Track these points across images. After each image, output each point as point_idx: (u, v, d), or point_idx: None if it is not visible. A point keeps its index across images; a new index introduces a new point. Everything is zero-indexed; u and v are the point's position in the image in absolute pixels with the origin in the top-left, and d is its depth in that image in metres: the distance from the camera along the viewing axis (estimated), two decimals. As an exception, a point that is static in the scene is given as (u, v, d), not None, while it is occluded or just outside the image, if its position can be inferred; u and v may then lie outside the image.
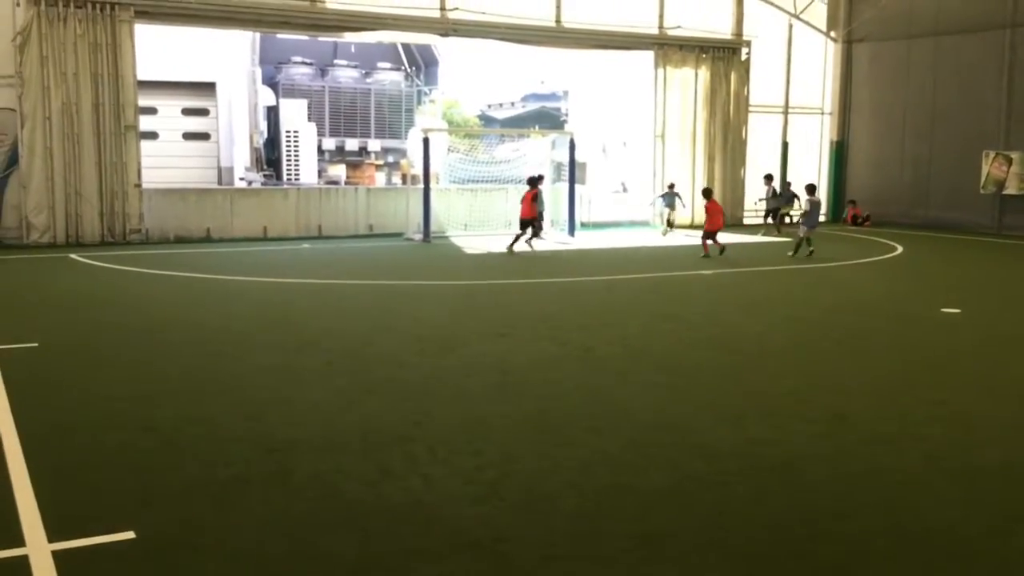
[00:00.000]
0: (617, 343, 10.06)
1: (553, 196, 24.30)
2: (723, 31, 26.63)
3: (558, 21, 24.14)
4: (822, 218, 27.77)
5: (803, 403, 7.68)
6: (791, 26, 27.79)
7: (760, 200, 25.16)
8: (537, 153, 26.31)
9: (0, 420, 6.74)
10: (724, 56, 26.44)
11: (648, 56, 26.19)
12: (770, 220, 24.60)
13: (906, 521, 5.19)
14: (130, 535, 4.75)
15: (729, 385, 8.32)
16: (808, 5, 27.55)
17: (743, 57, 26.80)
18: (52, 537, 4.70)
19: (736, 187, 27.09)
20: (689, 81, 26.12)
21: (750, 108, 27.26)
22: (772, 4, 27.34)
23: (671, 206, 24.12)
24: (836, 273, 16.72)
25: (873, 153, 28.34)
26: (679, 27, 25.75)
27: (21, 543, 4.64)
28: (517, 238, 19.53)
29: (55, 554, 4.51)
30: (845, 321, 11.76)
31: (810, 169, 28.98)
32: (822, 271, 16.78)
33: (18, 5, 18.79)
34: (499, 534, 4.90)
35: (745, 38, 26.82)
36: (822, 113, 29.02)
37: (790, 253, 18.59)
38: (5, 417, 6.82)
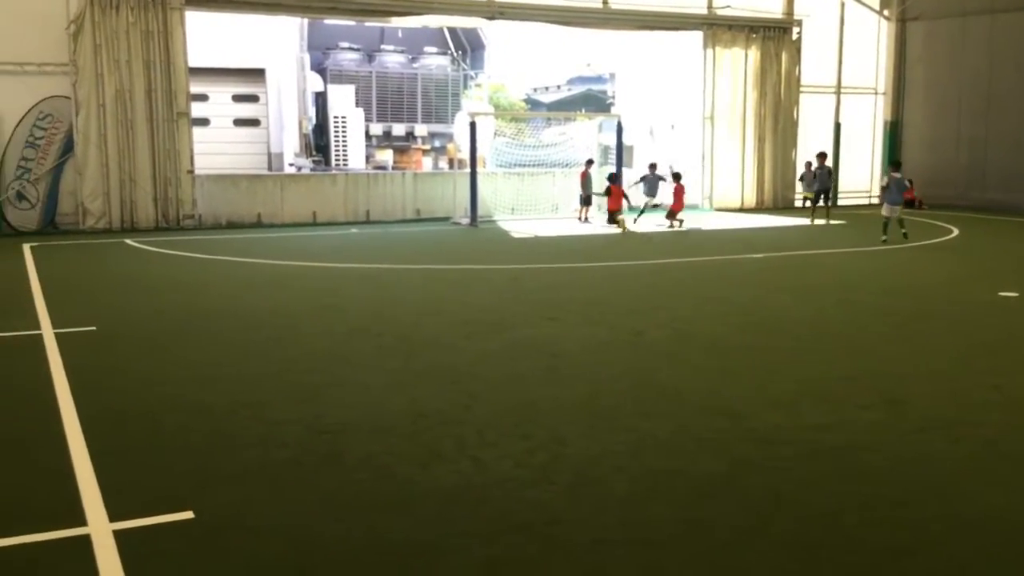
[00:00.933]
0: (666, 326, 10.00)
1: (600, 179, 24.17)
2: (774, 10, 26.22)
3: (605, 2, 23.96)
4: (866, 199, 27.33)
5: (858, 388, 7.57)
6: (843, 4, 27.28)
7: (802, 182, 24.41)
8: (584, 136, 26.18)
9: (61, 403, 6.91)
10: (775, 36, 26.04)
11: (696, 36, 25.90)
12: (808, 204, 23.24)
13: (962, 508, 5.10)
14: (188, 515, 4.84)
15: (782, 369, 8.23)
16: (861, -18, 27.03)
17: (794, 36, 26.37)
18: (113, 517, 4.81)
19: (787, 169, 26.72)
20: (739, 61, 25.78)
21: (801, 88, 26.85)
22: (823, -19, 26.86)
23: (652, 193, 22.74)
24: (890, 256, 16.43)
25: (928, 134, 27.77)
26: (728, 6, 25.41)
27: (83, 523, 4.76)
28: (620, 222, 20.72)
29: (116, 533, 4.62)
30: (900, 305, 11.56)
31: (863, 150, 28.52)
32: (875, 254, 16.50)
33: (72, -6, 19.12)
34: (550, 517, 4.91)
35: (796, 17, 26.38)
36: (875, 93, 28.49)
37: (883, 238, 17.59)
38: (66, 400, 6.98)
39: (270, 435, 6.25)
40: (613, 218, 21.00)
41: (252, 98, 28.20)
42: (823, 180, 22.53)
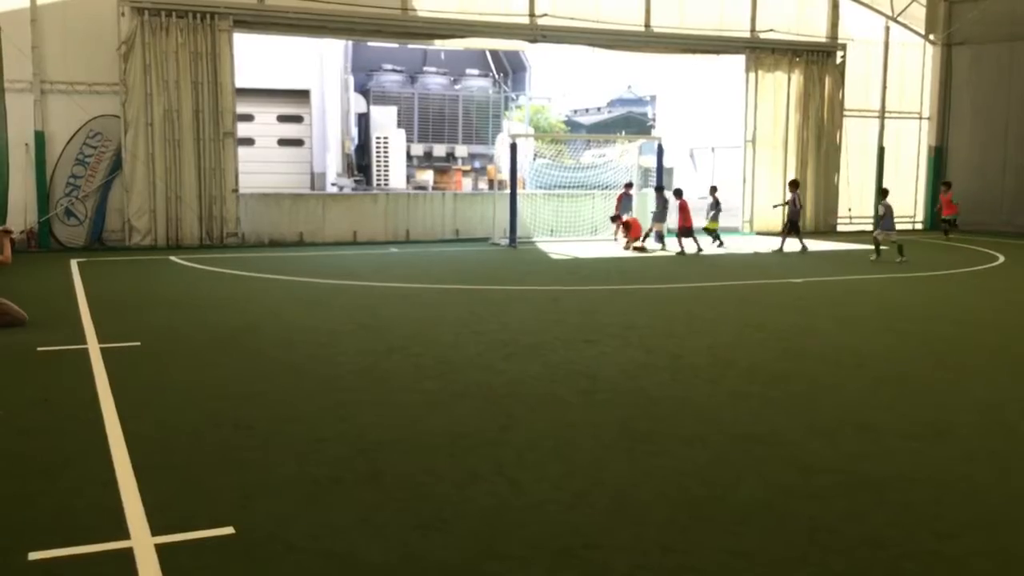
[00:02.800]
0: (706, 352, 9.93)
1: (640, 202, 24.17)
2: (817, 34, 26.10)
3: (647, 25, 24.01)
4: (913, 225, 27.04)
5: (902, 417, 7.46)
6: (888, 28, 27.09)
7: (776, 206, 24.11)
8: (624, 159, 26.19)
9: (106, 417, 7.02)
10: (818, 59, 25.90)
11: (739, 60, 25.85)
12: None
13: (1010, 542, 4.99)
14: (229, 531, 4.89)
15: (823, 397, 8.14)
16: (906, 7, 26.82)
17: (838, 60, 26.21)
18: (155, 531, 4.87)
19: (830, 194, 26.51)
20: (782, 85, 25.68)
21: (845, 112, 26.65)
22: (868, 6, 26.70)
23: (661, 218, 21.89)
24: (934, 283, 16.21)
25: (973, 159, 27.40)
26: (772, 30, 25.34)
27: (126, 536, 4.82)
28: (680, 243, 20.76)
29: (158, 547, 4.67)
30: (946, 332, 11.39)
31: (908, 175, 28.22)
32: (918, 280, 16.28)
33: (123, 15, 19.57)
34: (588, 541, 4.89)
35: (840, 41, 26.24)
36: (920, 118, 28.20)
37: (872, 258, 19.04)
38: (110, 414, 7.10)
39: (310, 452, 6.30)
40: (687, 233, 20.99)
41: (296, 119, 28.62)
42: (792, 209, 21.81)
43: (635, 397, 7.94)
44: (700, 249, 20.78)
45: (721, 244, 22.17)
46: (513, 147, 22.47)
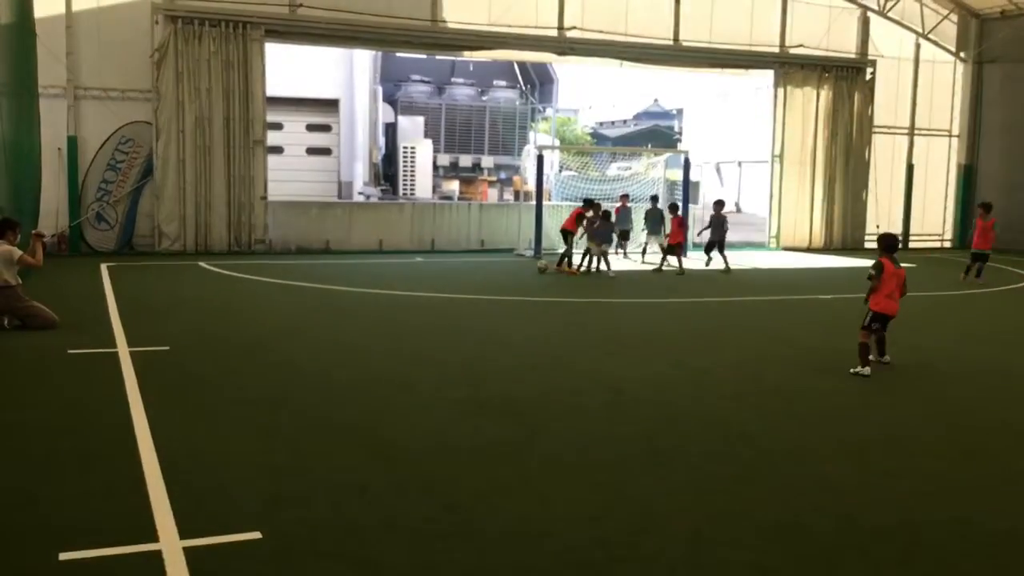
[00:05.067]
0: (732, 366, 9.89)
1: (667, 216, 24.11)
2: (847, 50, 25.99)
3: (676, 40, 24.00)
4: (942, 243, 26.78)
5: (933, 436, 7.40)
6: (918, 45, 26.93)
7: (703, 231, 21.05)
8: (650, 172, 26.16)
9: (135, 420, 7.09)
10: (847, 75, 25.79)
11: (767, 74, 25.80)
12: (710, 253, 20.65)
13: (1019, 569, 4.94)
14: (256, 535, 4.93)
15: (851, 414, 8.08)
16: (937, 24, 26.68)
17: (867, 77, 26.08)
18: (183, 534, 4.91)
19: (858, 210, 26.35)
20: (810, 100, 25.57)
21: (874, 129, 26.50)
22: (898, 23, 26.56)
23: (655, 231, 21.43)
24: (964, 301, 16.06)
25: (1004, 178, 27.14)
26: (801, 45, 25.26)
27: (155, 539, 4.87)
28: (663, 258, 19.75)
29: (186, 550, 4.71)
30: (978, 352, 11.28)
31: (937, 193, 28.03)
32: (950, 299, 16.15)
33: (156, 23, 19.81)
34: (612, 554, 4.88)
35: (870, 57, 26.12)
36: (949, 135, 27.99)
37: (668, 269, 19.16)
38: (139, 417, 7.17)
39: (336, 459, 6.34)
40: (672, 251, 19.69)
41: (325, 128, 28.83)
42: (716, 229, 20.37)
43: (660, 410, 7.93)
44: (681, 271, 19.37)
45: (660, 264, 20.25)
46: (539, 159, 22.50)
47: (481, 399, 8.19)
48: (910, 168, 27.41)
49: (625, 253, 22.62)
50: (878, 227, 25.40)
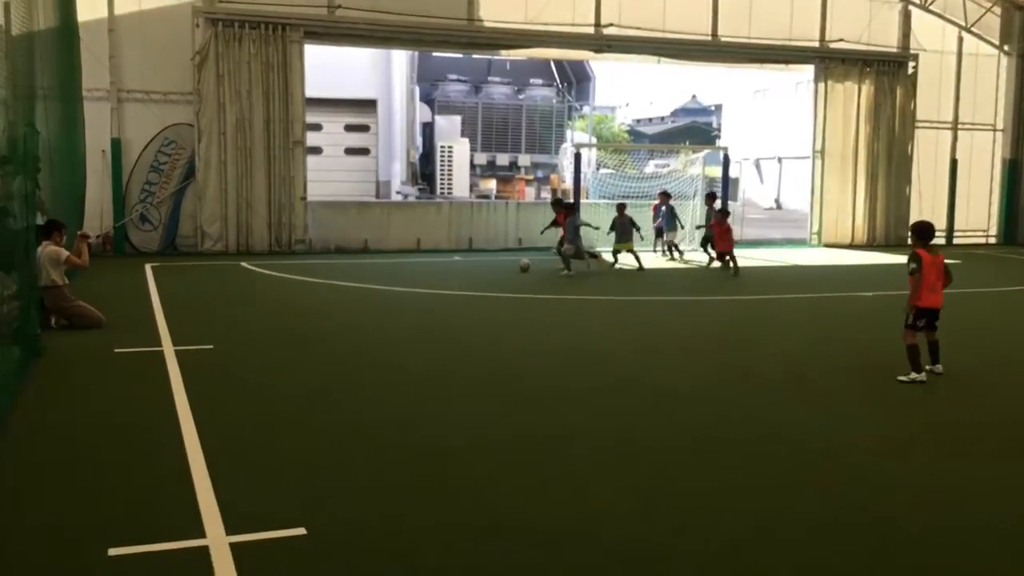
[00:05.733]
0: (775, 364, 9.81)
1: (705, 213, 23.96)
2: (888, 44, 25.63)
3: (714, 35, 23.82)
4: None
5: (983, 434, 7.28)
6: (961, 39, 26.48)
7: (700, 227, 21.33)
8: (688, 169, 26.00)
9: (181, 418, 7.19)
10: (889, 70, 25.42)
11: (806, 69, 25.52)
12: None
13: (1094, 567, 4.84)
14: (301, 531, 4.98)
15: (898, 412, 7.97)
16: (980, 17, 26.20)
17: (909, 71, 25.71)
18: (230, 530, 4.98)
19: (901, 205, 25.96)
20: (851, 95, 25.24)
21: (917, 124, 26.10)
22: (941, 16, 26.14)
23: (671, 227, 21.10)
24: (1011, 298, 15.78)
25: (1051, 172, 26.62)
26: (842, 40, 24.96)
27: (202, 535, 4.94)
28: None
29: (232, 546, 4.78)
30: None
31: (981, 188, 27.54)
32: (997, 296, 15.88)
33: (197, 26, 20.05)
34: (655, 553, 4.87)
35: (912, 51, 25.73)
36: (994, 130, 27.48)
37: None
38: (185, 415, 7.27)
39: (378, 456, 6.38)
40: (722, 257, 19.22)
41: (363, 128, 28.99)
42: (667, 220, 20.87)
43: (702, 408, 7.89)
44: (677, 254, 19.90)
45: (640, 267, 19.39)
46: (577, 157, 22.48)
47: (521, 396, 8.20)
48: (954, 163, 26.96)
49: (664, 250, 22.46)
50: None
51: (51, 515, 5.25)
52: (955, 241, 26.82)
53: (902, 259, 9.71)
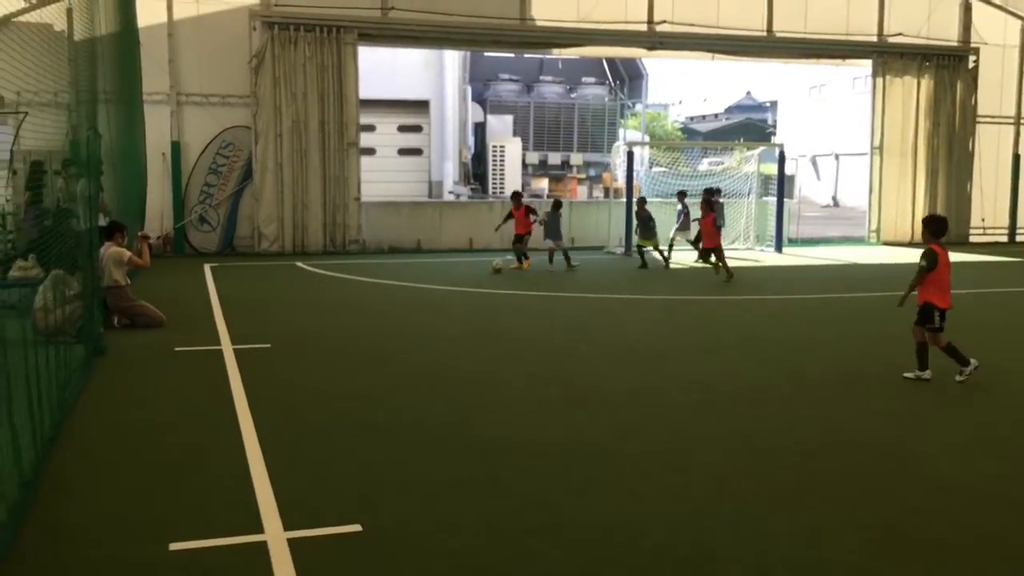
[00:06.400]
0: (830, 364, 9.67)
1: (760, 211, 23.74)
2: (948, 38, 25.10)
3: (769, 31, 23.55)
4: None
5: (1040, 437, 7.11)
6: (1024, 32, 25.84)
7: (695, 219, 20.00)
8: (743, 166, 25.74)
9: (239, 415, 7.33)
10: (949, 64, 24.91)
11: (864, 64, 25.11)
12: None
13: None
14: (356, 528, 5.04)
15: (957, 414, 7.82)
16: (1046, 7, 25.54)
17: (970, 65, 25.14)
18: (287, 526, 5.06)
19: (962, 203, 25.42)
20: (910, 90, 24.80)
21: (978, 119, 25.52)
22: (1003, 9, 25.52)
23: (686, 226, 20.21)
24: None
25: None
26: (900, 34, 24.50)
27: (260, 530, 5.03)
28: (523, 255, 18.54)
29: (290, 541, 4.86)
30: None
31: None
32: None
33: (254, 29, 20.37)
34: (709, 554, 4.84)
35: (973, 44, 25.16)
36: (1059, 123, 26.77)
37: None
38: (244, 413, 7.41)
39: (431, 454, 6.43)
40: (706, 256, 18.27)
41: (416, 128, 29.20)
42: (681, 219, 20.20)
43: (756, 409, 7.81)
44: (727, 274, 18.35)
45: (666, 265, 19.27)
46: (629, 155, 22.37)
47: (572, 396, 8.20)
48: (1016, 159, 26.31)
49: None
50: (983, 220, 24.49)
51: (113, 510, 5.39)
52: (1018, 238, 26.17)
53: (963, 257, 9.51)
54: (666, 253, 19.60)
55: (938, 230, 8.78)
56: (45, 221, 10.85)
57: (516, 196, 19.53)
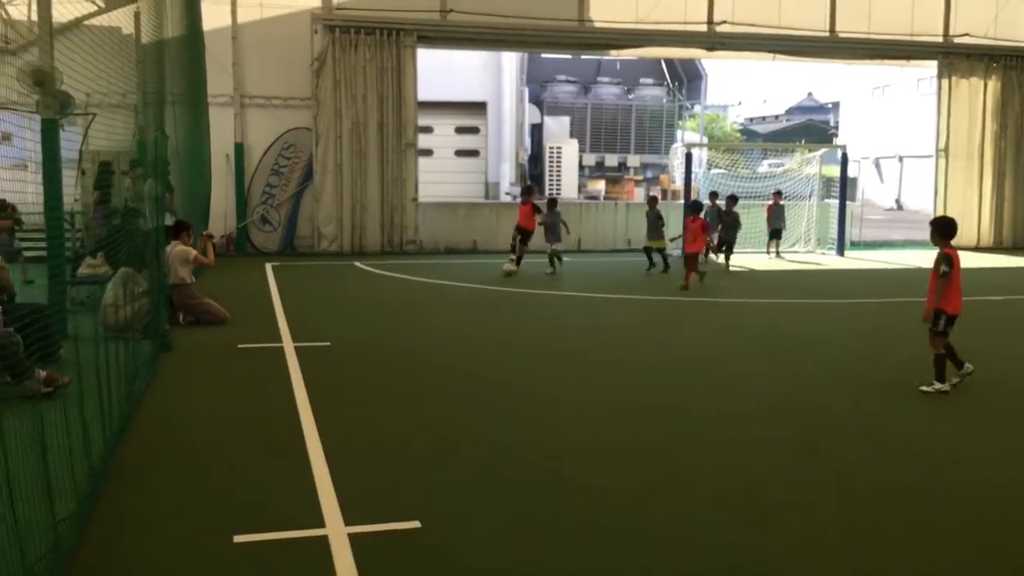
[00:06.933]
0: (894, 370, 9.49)
1: (822, 214, 23.40)
2: (1017, 38, 24.45)
3: (832, 31, 23.20)
4: None
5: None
6: (1100, 29, 25.07)
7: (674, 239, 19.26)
8: (803, 168, 25.38)
9: (301, 412, 7.44)
10: (1017, 65, 24.29)
11: (929, 65, 24.60)
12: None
13: None
14: (416, 524, 5.09)
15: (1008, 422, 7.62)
16: (1122, 5, 24.74)
17: (1041, 65, 24.48)
18: (348, 521, 5.13)
19: (1032, 207, 24.77)
20: (977, 92, 24.22)
21: (1049, 120, 24.84)
22: (1077, 6, 24.80)
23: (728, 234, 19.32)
24: None
25: None
26: (966, 34, 23.95)
27: (322, 524, 5.10)
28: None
29: (351, 536, 4.92)
30: None
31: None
32: None
33: (316, 32, 20.66)
34: (769, 561, 4.78)
35: (1044, 44, 24.51)
36: None
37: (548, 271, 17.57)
38: (305, 409, 7.52)
39: (490, 453, 6.46)
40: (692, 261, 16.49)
41: (473, 130, 29.32)
42: (729, 228, 19.40)
43: (819, 415, 7.70)
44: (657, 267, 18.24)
45: (666, 268, 18.38)
46: (687, 157, 22.20)
47: (631, 399, 8.16)
48: (1089, 161, 25.53)
49: (778, 252, 22.06)
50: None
51: (178, 502, 5.50)
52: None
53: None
54: (712, 256, 19.01)
55: (949, 232, 8.52)
56: (113, 220, 11.13)
57: (527, 191, 19.01)
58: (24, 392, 7.21)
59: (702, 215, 17.20)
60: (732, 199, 19.76)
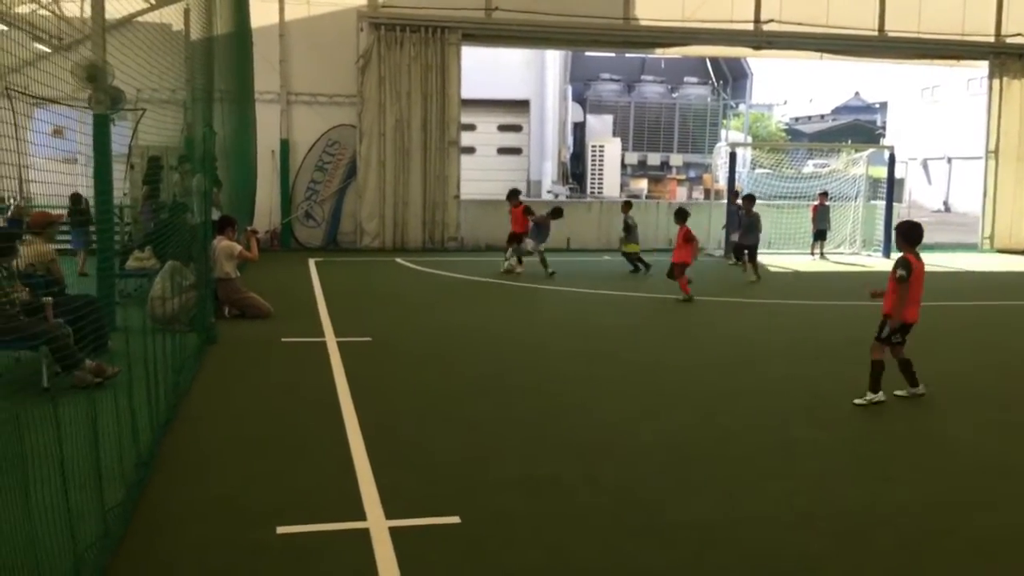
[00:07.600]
0: (939, 374, 9.34)
1: (868, 215, 23.12)
2: (1073, 36, 23.93)
3: (881, 30, 22.88)
4: None
5: None
6: None
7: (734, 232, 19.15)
8: (850, 169, 25.07)
9: (343, 407, 7.52)
10: (1072, 65, 23.76)
11: (980, 65, 24.16)
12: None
13: None
14: (455, 520, 5.13)
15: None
16: None
17: (1096, 65, 23.93)
18: (389, 515, 5.18)
19: (1083, 210, 24.24)
20: (1030, 92, 23.74)
21: (1103, 122, 24.27)
22: None
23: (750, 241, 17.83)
24: None
25: None
26: (1018, 35, 23.48)
27: (363, 518, 5.16)
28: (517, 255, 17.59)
29: (391, 530, 4.97)
30: None
31: None
32: None
33: (361, 30, 20.81)
34: (810, 564, 4.75)
35: (1100, 43, 23.95)
36: None
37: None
38: (347, 404, 7.60)
39: (528, 452, 6.48)
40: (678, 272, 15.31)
41: (515, 128, 29.35)
42: (749, 232, 17.89)
43: (862, 418, 7.62)
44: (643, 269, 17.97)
45: (647, 269, 18.08)
46: (731, 156, 22.04)
47: (669, 399, 8.14)
48: None
49: (822, 254, 21.83)
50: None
51: (222, 493, 5.59)
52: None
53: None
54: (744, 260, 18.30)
55: (914, 238, 8.16)
56: (161, 214, 11.33)
57: (513, 193, 18.53)
58: (76, 382, 7.38)
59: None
60: (749, 199, 18.53)
